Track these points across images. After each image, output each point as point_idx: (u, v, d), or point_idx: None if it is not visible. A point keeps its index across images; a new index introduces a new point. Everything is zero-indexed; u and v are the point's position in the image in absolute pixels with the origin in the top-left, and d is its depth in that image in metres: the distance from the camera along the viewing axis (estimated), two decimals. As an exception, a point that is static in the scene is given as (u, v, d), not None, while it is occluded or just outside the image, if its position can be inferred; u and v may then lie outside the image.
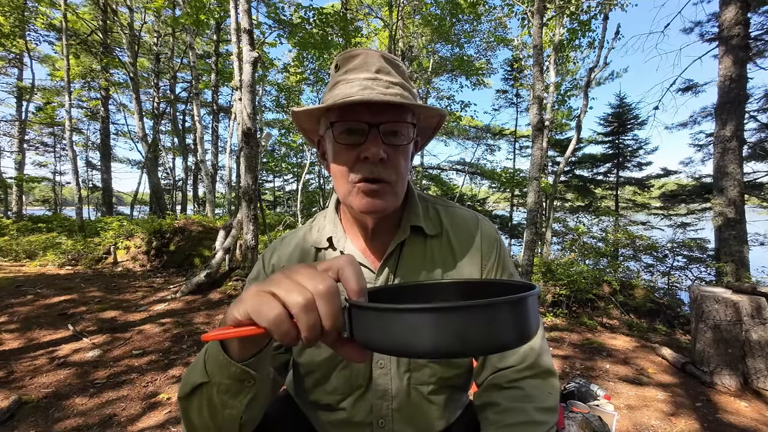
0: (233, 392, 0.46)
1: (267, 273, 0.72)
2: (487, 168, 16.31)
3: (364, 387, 0.67)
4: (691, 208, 9.69)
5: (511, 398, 0.64)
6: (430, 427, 0.69)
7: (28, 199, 22.82)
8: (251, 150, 4.69)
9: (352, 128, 0.59)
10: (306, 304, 0.33)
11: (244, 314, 0.35)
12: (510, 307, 0.31)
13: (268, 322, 0.33)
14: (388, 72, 0.62)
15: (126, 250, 6.78)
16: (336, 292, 0.34)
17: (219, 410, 0.48)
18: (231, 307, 0.37)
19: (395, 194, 0.63)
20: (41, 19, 11.06)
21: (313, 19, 7.33)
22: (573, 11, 7.68)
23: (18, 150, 12.22)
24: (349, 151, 0.60)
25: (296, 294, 0.33)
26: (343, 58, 0.64)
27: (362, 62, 0.62)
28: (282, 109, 13.71)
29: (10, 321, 3.45)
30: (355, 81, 0.60)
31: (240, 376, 0.45)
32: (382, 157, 0.59)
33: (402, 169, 0.63)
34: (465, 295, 0.48)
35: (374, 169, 0.60)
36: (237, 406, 0.47)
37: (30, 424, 1.93)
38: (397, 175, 0.62)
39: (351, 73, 0.62)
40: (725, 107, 4.94)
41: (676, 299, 4.86)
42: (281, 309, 0.33)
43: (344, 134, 0.60)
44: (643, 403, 2.25)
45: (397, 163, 0.62)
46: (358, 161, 0.60)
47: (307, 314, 0.33)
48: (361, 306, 0.33)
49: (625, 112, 11.45)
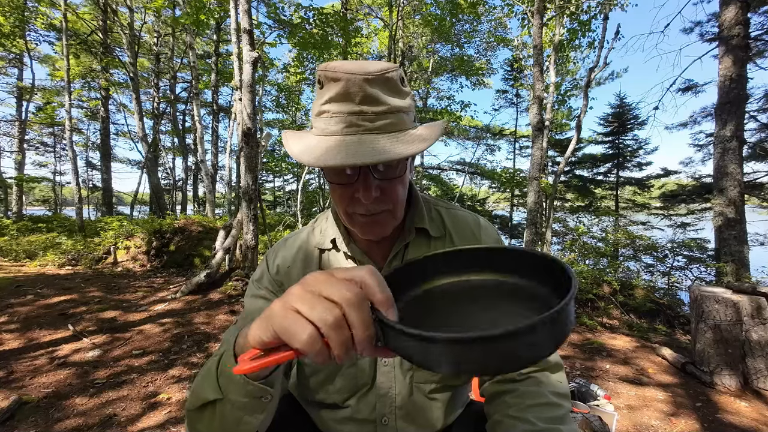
0: (249, 409, 0.46)
1: (271, 274, 0.73)
2: (487, 168, 16.34)
3: (369, 385, 0.68)
4: (691, 208, 9.70)
5: (526, 385, 0.65)
6: (431, 424, 0.70)
7: (28, 199, 22.82)
8: (251, 150, 4.69)
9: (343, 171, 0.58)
10: (336, 321, 0.32)
11: (271, 335, 0.34)
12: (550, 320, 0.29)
13: (301, 343, 0.32)
14: (374, 100, 0.54)
15: (126, 250, 6.78)
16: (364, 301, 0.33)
17: (232, 425, 0.47)
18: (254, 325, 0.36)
19: (395, 218, 0.64)
20: (41, 19, 11.06)
21: (313, 19, 7.34)
22: (573, 11, 7.69)
23: (18, 150, 12.23)
24: (342, 189, 0.60)
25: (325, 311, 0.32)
26: (325, 76, 0.55)
27: (344, 91, 0.54)
28: (282, 109, 13.71)
29: (10, 321, 3.45)
30: (337, 116, 0.55)
31: (257, 393, 0.44)
32: (376, 195, 0.58)
33: (400, 196, 0.62)
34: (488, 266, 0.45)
35: (370, 206, 0.59)
36: (253, 422, 0.47)
37: (30, 424, 1.93)
38: (395, 202, 0.62)
39: (333, 103, 0.55)
40: (725, 107, 4.94)
41: (676, 299, 4.86)
42: (312, 329, 0.32)
43: (334, 175, 0.59)
44: (643, 403, 2.25)
45: (393, 194, 0.61)
46: (353, 199, 0.59)
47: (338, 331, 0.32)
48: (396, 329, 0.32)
49: (625, 112, 11.45)
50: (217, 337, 3.23)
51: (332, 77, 0.54)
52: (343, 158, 0.52)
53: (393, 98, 0.57)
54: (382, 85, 0.55)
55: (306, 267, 0.72)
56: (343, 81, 0.54)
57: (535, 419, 0.58)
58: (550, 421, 0.58)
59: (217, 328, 3.47)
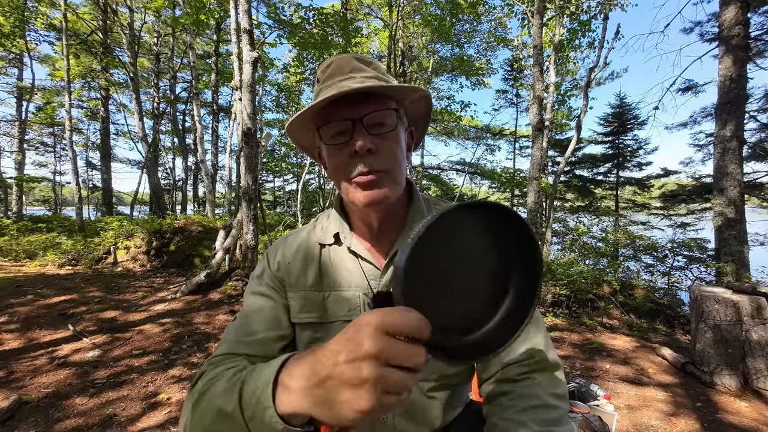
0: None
1: (272, 271, 0.73)
2: (487, 168, 16.34)
3: None
4: (691, 208, 9.70)
5: (523, 386, 0.65)
6: (430, 423, 0.70)
7: (28, 199, 22.82)
8: (251, 150, 4.69)
9: (338, 130, 0.61)
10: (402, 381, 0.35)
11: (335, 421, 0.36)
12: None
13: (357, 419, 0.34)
14: (361, 69, 0.65)
15: (126, 250, 6.78)
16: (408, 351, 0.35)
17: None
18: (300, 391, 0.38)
19: (394, 182, 0.64)
20: (41, 19, 11.06)
21: (313, 19, 7.34)
22: (573, 11, 7.69)
23: (18, 150, 12.22)
24: (340, 150, 0.62)
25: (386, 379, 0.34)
26: (320, 70, 0.68)
27: (336, 67, 0.65)
28: (282, 109, 13.71)
29: (10, 321, 3.45)
30: (332, 85, 0.63)
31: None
32: (371, 147, 0.59)
33: (397, 156, 0.63)
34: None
35: (366, 161, 0.60)
36: None
37: (30, 424, 1.93)
38: (393, 162, 0.63)
39: (328, 80, 0.65)
40: (725, 107, 4.94)
41: (676, 299, 4.85)
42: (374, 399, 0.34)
43: (332, 136, 0.62)
44: (643, 403, 2.25)
45: (389, 151, 0.62)
46: (350, 158, 0.61)
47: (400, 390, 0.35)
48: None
49: (625, 112, 11.46)
50: (218, 337, 3.23)
51: (326, 64, 0.67)
52: (334, 92, 0.58)
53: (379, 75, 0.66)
54: (369, 64, 0.67)
55: (306, 263, 0.72)
56: (336, 60, 0.66)
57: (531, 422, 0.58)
58: (547, 423, 0.58)
59: (217, 328, 3.47)
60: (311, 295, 0.70)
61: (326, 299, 0.69)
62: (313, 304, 0.69)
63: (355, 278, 0.69)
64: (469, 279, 0.42)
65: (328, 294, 0.69)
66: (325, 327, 0.69)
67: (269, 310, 0.69)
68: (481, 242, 0.42)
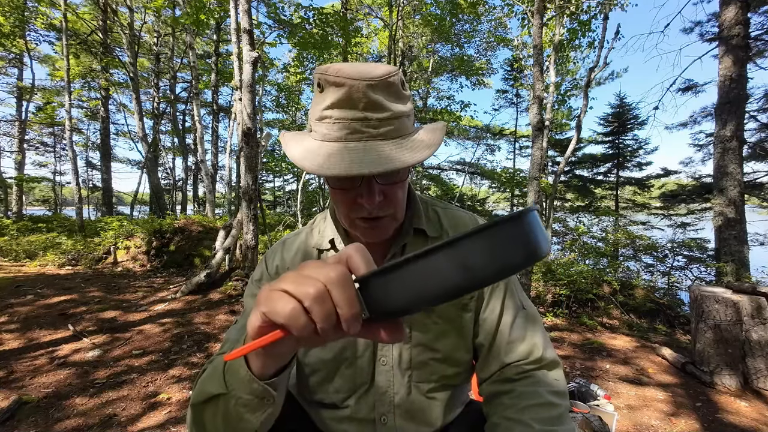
0: (252, 408, 0.46)
1: (270, 274, 0.73)
2: (487, 168, 16.34)
3: (368, 385, 0.68)
4: (691, 208, 9.69)
5: (523, 385, 0.65)
6: (431, 423, 0.70)
7: (28, 199, 22.82)
8: (251, 150, 4.69)
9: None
10: (317, 293, 0.32)
11: (261, 317, 0.34)
12: (512, 226, 0.30)
13: (284, 317, 0.33)
14: (378, 106, 0.54)
15: (126, 250, 6.78)
16: (348, 277, 0.33)
17: (235, 421, 0.48)
18: (250, 316, 0.37)
19: (396, 220, 0.65)
20: (41, 19, 11.05)
21: (313, 19, 7.34)
22: (573, 11, 7.69)
23: (18, 150, 12.22)
24: (344, 193, 0.59)
25: (307, 286, 0.33)
26: (325, 80, 0.54)
27: (347, 97, 0.53)
28: (282, 109, 13.71)
29: (10, 321, 3.45)
30: (340, 122, 0.55)
31: (261, 394, 0.44)
32: (380, 200, 0.58)
33: (401, 200, 0.63)
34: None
35: (372, 210, 0.59)
36: (253, 421, 0.47)
37: (30, 424, 1.93)
38: (396, 206, 0.62)
39: (336, 109, 0.55)
40: (725, 107, 4.94)
41: (676, 299, 4.86)
42: (295, 303, 0.33)
43: (337, 181, 0.58)
44: (643, 403, 2.25)
45: (394, 198, 0.61)
46: (355, 203, 0.59)
47: (320, 304, 0.32)
48: (369, 274, 0.33)
49: (625, 112, 11.45)
50: (218, 337, 3.23)
51: (334, 82, 0.54)
52: (347, 167, 0.52)
53: (395, 104, 0.57)
54: (385, 90, 0.55)
55: None
56: (346, 87, 0.53)
57: (531, 421, 0.59)
58: (547, 422, 0.59)
59: (217, 328, 3.47)
60: None
61: None
62: None
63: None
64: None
65: None
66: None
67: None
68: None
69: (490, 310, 0.70)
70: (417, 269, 0.31)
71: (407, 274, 0.31)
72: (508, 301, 0.71)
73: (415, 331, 0.68)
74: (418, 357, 0.68)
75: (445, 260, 0.30)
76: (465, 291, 0.31)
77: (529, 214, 0.31)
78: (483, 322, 0.71)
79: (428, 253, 0.30)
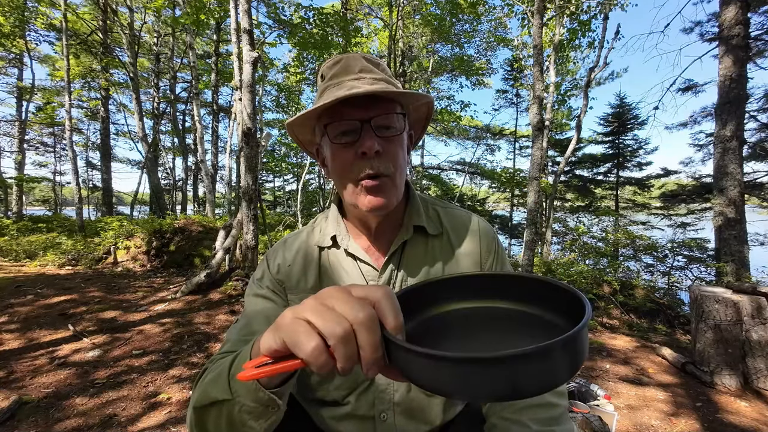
0: (256, 415, 0.46)
1: (272, 273, 0.74)
2: (487, 168, 16.32)
3: (368, 382, 0.69)
4: (691, 208, 9.70)
5: None
6: (430, 421, 0.70)
7: (28, 199, 22.82)
8: (251, 150, 4.69)
9: (346, 129, 0.61)
10: (345, 335, 0.32)
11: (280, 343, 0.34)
12: (564, 345, 0.27)
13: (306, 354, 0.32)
14: (371, 70, 0.65)
15: (126, 250, 6.78)
16: (376, 322, 0.33)
17: (239, 426, 0.48)
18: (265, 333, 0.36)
19: (396, 187, 0.65)
20: (41, 19, 11.05)
21: (313, 19, 7.33)
22: (573, 11, 7.69)
23: (18, 150, 12.22)
24: (346, 149, 0.62)
25: (335, 324, 0.32)
26: (326, 67, 0.67)
27: (345, 65, 0.65)
28: (282, 109, 13.71)
29: (11, 321, 3.45)
30: (341, 84, 0.63)
31: (267, 402, 0.45)
32: (378, 150, 0.60)
33: (400, 160, 0.65)
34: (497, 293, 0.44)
35: (373, 163, 0.61)
36: (257, 427, 0.47)
37: (30, 424, 1.93)
38: (396, 166, 0.64)
39: (336, 78, 0.64)
40: (725, 107, 4.93)
41: (676, 299, 4.86)
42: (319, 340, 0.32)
43: (339, 135, 0.62)
44: (643, 403, 2.25)
45: (394, 155, 0.63)
46: (356, 159, 0.62)
47: (345, 346, 0.32)
48: (403, 347, 0.31)
49: (625, 112, 11.45)
50: (218, 337, 3.23)
51: (334, 62, 0.66)
52: (344, 93, 0.57)
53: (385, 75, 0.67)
54: (377, 65, 0.67)
55: (306, 265, 0.73)
56: (344, 60, 0.65)
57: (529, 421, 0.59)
58: (546, 422, 0.59)
59: (217, 328, 3.47)
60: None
61: None
62: None
63: (354, 280, 0.70)
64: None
65: None
66: None
67: (270, 311, 0.70)
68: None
69: None
70: (447, 370, 0.28)
71: (439, 371, 0.29)
72: None
73: None
74: None
75: (480, 374, 0.27)
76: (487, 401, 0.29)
77: (584, 329, 0.29)
78: None
79: (472, 361, 0.27)
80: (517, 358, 0.26)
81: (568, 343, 0.28)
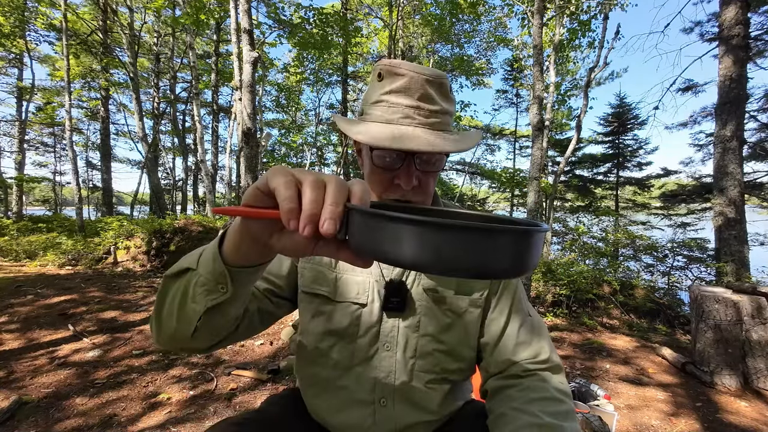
0: (206, 290, 0.48)
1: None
2: (487, 168, 16.33)
3: (366, 363, 0.70)
4: (691, 208, 9.70)
5: (531, 381, 0.67)
6: (430, 410, 0.71)
7: (28, 199, 22.82)
8: (251, 150, 4.70)
9: (390, 156, 0.63)
10: (317, 181, 0.34)
11: (264, 183, 0.36)
12: (510, 238, 0.29)
13: (277, 184, 0.34)
14: (430, 98, 0.62)
15: (126, 250, 6.77)
16: (345, 185, 0.35)
17: (188, 301, 0.50)
18: (248, 190, 0.39)
19: None
20: (41, 19, 11.05)
21: (313, 19, 7.34)
22: (573, 11, 7.69)
23: (18, 150, 12.21)
24: (383, 173, 0.65)
25: (312, 175, 0.35)
26: (387, 71, 0.63)
27: (406, 86, 0.61)
28: (282, 109, 13.71)
29: (10, 321, 3.45)
30: (396, 107, 0.62)
31: (219, 277, 0.46)
32: (415, 185, 0.63)
33: (431, 191, 0.68)
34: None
35: (406, 194, 0.64)
36: (201, 303, 0.49)
37: (30, 424, 1.93)
38: (427, 195, 0.67)
39: (393, 95, 0.62)
40: (725, 107, 4.93)
41: (676, 299, 4.85)
42: (292, 177, 0.35)
43: (380, 158, 0.64)
44: (643, 403, 2.25)
45: (427, 187, 0.66)
46: (391, 184, 0.65)
47: (314, 190, 0.33)
48: (361, 209, 0.33)
49: (625, 112, 11.46)
50: (217, 337, 3.23)
51: (396, 72, 0.62)
52: (398, 142, 0.58)
53: (444, 102, 0.65)
54: (438, 88, 0.63)
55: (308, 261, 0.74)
56: (407, 77, 0.61)
57: (540, 412, 0.59)
58: (555, 415, 0.59)
59: (217, 328, 3.47)
60: (325, 270, 0.72)
61: (338, 279, 0.72)
62: (326, 280, 0.72)
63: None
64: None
65: (340, 275, 0.72)
66: (332, 305, 0.71)
67: (276, 259, 0.72)
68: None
69: (498, 312, 0.73)
70: (402, 231, 0.30)
71: (390, 231, 0.30)
72: (515, 308, 0.73)
73: (425, 320, 0.70)
74: (424, 347, 0.70)
75: (430, 235, 0.29)
76: (438, 273, 0.30)
77: (539, 232, 0.30)
78: (489, 323, 0.73)
79: (420, 224, 0.29)
80: (483, 230, 0.28)
81: (516, 234, 0.29)
